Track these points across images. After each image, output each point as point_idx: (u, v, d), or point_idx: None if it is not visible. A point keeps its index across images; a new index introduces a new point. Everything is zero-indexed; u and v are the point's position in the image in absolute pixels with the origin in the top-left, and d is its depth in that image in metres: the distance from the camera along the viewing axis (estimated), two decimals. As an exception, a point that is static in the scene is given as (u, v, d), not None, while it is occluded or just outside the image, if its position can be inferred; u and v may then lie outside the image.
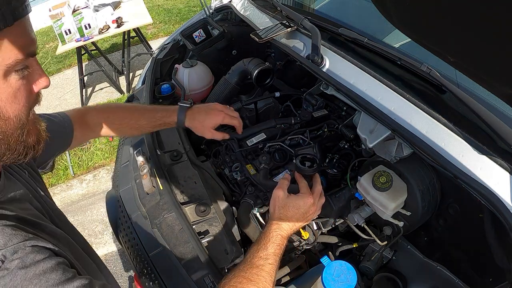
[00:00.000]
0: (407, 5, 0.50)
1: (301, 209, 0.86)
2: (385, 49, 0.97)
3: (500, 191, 0.71)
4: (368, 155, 1.14)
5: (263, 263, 0.75)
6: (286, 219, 0.85)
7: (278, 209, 0.86)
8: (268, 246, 0.78)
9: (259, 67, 1.35)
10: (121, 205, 1.14)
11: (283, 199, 0.87)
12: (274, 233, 0.82)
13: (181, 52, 1.74)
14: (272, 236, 0.81)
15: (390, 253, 1.08)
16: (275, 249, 0.79)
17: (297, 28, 1.18)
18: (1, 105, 0.49)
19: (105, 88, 3.93)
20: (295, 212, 0.85)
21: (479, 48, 0.44)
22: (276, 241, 0.80)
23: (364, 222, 1.03)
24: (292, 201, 0.86)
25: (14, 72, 0.50)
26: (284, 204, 0.86)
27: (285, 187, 0.90)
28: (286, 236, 0.83)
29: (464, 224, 0.94)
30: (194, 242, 0.92)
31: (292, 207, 0.85)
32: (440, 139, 0.79)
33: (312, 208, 0.88)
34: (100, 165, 2.94)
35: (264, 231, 0.83)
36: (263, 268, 0.74)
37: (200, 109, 1.07)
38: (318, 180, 0.93)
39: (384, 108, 0.89)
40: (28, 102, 0.54)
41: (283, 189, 0.89)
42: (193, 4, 5.67)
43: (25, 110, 0.53)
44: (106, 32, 3.34)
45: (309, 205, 0.87)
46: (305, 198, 0.87)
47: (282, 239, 0.82)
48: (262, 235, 0.82)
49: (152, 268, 0.94)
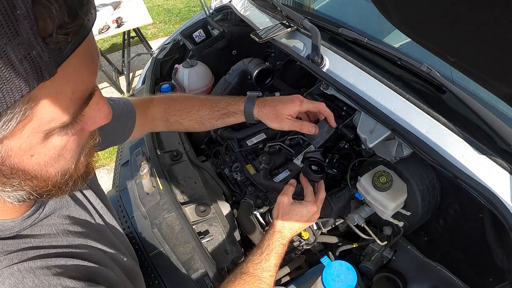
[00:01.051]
0: (407, 5, 0.50)
1: (304, 217, 0.86)
2: (385, 49, 0.97)
3: (500, 191, 0.71)
4: (368, 155, 1.14)
5: (265, 276, 0.76)
6: (289, 227, 0.85)
7: (282, 215, 0.86)
8: (270, 257, 0.79)
9: (259, 67, 1.35)
10: (121, 205, 1.14)
11: (288, 206, 0.86)
12: (277, 242, 0.82)
13: (181, 52, 1.74)
14: (275, 246, 0.81)
15: (390, 253, 1.08)
16: (276, 260, 0.79)
17: (297, 28, 1.18)
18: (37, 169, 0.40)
19: (105, 88, 3.93)
20: (298, 219, 0.85)
21: (479, 48, 0.44)
22: (278, 251, 0.81)
23: (364, 222, 1.03)
24: (296, 209, 0.86)
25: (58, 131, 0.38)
26: (288, 211, 0.86)
27: (290, 194, 0.89)
28: (286, 243, 0.84)
29: (464, 224, 0.94)
30: (194, 242, 0.92)
31: (296, 215, 0.85)
32: (440, 139, 0.79)
33: (315, 216, 0.88)
34: (100, 165, 2.94)
35: (267, 239, 0.83)
36: (264, 281, 0.75)
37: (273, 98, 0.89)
38: (323, 187, 0.92)
39: (384, 108, 0.89)
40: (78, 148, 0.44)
41: (288, 195, 0.88)
42: (193, 4, 5.67)
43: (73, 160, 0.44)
44: (106, 32, 3.33)
45: (313, 213, 0.87)
46: (309, 206, 0.86)
47: (283, 248, 0.82)
48: (264, 243, 0.82)
49: (152, 268, 0.94)
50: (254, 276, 0.74)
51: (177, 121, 0.89)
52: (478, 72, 0.48)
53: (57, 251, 0.50)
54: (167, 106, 0.88)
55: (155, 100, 0.90)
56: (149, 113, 0.88)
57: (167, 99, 0.90)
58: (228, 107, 0.87)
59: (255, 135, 1.28)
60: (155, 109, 0.89)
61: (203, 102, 0.88)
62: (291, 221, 0.85)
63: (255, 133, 1.29)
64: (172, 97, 0.92)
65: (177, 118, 0.88)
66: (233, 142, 1.26)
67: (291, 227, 0.85)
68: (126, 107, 0.82)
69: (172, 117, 0.88)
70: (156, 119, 0.89)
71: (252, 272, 0.75)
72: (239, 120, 0.87)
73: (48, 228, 0.53)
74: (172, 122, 0.89)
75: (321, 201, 0.90)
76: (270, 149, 1.23)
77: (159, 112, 0.89)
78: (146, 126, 0.89)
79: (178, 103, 0.88)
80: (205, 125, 0.89)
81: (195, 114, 0.87)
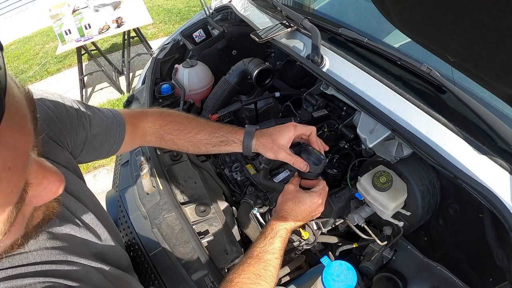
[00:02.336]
0: (407, 5, 0.50)
1: (308, 206, 0.85)
2: (385, 49, 0.97)
3: (500, 191, 0.71)
4: (368, 155, 1.14)
5: (270, 258, 0.76)
6: (292, 213, 0.84)
7: (286, 200, 0.85)
8: (274, 241, 0.79)
9: (259, 67, 1.35)
10: (121, 205, 1.14)
11: (294, 192, 0.86)
12: (280, 226, 0.81)
13: (181, 52, 1.74)
14: (279, 230, 0.81)
15: (390, 253, 1.08)
16: (281, 243, 0.79)
17: (297, 28, 1.18)
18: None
19: (105, 88, 3.93)
20: (303, 209, 0.84)
21: (479, 48, 0.44)
22: (282, 235, 0.80)
23: (364, 222, 1.03)
24: (301, 196, 0.85)
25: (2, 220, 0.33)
26: (293, 197, 0.85)
27: (297, 183, 0.90)
28: (290, 230, 0.83)
29: (464, 224, 0.94)
30: (194, 242, 0.92)
31: (300, 202, 0.85)
32: (440, 139, 0.79)
33: (318, 208, 0.87)
34: (100, 165, 2.94)
35: (271, 224, 0.83)
36: (270, 263, 0.75)
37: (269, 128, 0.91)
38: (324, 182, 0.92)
39: (384, 108, 0.89)
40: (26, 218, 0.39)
41: (294, 184, 0.89)
42: (193, 4, 5.67)
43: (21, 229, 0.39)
44: (106, 32, 3.34)
45: (317, 205, 0.86)
46: (314, 196, 0.86)
47: (287, 233, 0.82)
48: (268, 228, 0.82)
49: (152, 268, 0.94)
50: (259, 258, 0.75)
51: (172, 140, 0.88)
52: (478, 72, 0.48)
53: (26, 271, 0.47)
54: (164, 124, 0.88)
55: (149, 115, 0.89)
56: (140, 127, 0.87)
57: (165, 116, 0.89)
58: (227, 135, 0.87)
59: (255, 135, 1.28)
60: (148, 124, 0.88)
61: (202, 126, 0.88)
62: (295, 207, 0.84)
63: (255, 133, 1.29)
64: (170, 114, 0.91)
65: (172, 137, 0.88)
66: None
67: (295, 214, 0.84)
68: (116, 121, 0.80)
69: (168, 135, 0.88)
70: (149, 134, 0.89)
71: (257, 255, 0.76)
72: (235, 149, 0.89)
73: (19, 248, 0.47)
74: (166, 140, 0.89)
75: (325, 195, 0.90)
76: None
77: (153, 127, 0.88)
78: (135, 140, 0.88)
79: (176, 123, 0.88)
80: (200, 149, 0.90)
81: (193, 136, 0.88)
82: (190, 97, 1.55)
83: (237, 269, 0.73)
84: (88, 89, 3.94)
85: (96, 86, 3.99)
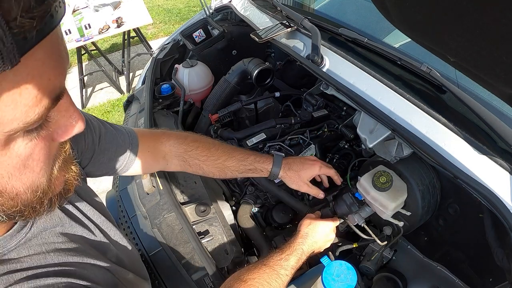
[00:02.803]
0: (407, 5, 0.50)
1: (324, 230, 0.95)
2: (385, 49, 0.97)
3: (500, 191, 0.71)
4: (368, 155, 1.14)
5: (283, 273, 0.78)
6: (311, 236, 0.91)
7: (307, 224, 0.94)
8: (290, 258, 0.82)
9: (259, 67, 1.35)
10: (121, 205, 1.14)
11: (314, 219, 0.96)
12: (298, 246, 0.86)
13: (181, 52, 1.74)
14: (296, 249, 0.85)
15: (390, 253, 1.08)
16: (295, 262, 0.83)
17: (297, 28, 1.18)
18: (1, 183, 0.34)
19: (105, 88, 3.93)
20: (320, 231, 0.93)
21: (479, 48, 0.44)
22: (298, 254, 0.85)
23: (364, 222, 1.03)
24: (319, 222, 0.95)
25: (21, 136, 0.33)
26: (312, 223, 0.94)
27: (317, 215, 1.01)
28: (306, 252, 0.88)
29: (464, 224, 0.94)
30: (194, 242, 0.92)
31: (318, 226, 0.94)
32: (440, 139, 0.79)
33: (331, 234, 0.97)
34: (100, 165, 2.94)
35: (290, 241, 0.89)
36: (281, 277, 0.77)
37: (295, 159, 1.00)
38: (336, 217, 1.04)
39: (384, 108, 0.89)
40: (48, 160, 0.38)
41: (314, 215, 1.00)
42: (193, 4, 5.67)
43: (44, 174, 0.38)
44: (106, 32, 3.34)
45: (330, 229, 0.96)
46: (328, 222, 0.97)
47: (303, 253, 0.86)
48: (287, 245, 0.87)
49: (152, 268, 0.94)
50: (273, 269, 0.77)
51: (199, 165, 0.88)
52: (478, 72, 0.48)
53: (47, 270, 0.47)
54: (190, 149, 0.87)
55: (172, 138, 0.87)
56: (160, 150, 0.85)
57: (191, 141, 0.88)
58: (255, 164, 0.92)
59: (255, 135, 1.28)
60: (170, 147, 0.86)
61: (231, 154, 0.91)
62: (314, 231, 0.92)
63: (255, 133, 1.29)
64: (197, 140, 0.89)
65: (199, 163, 0.88)
66: (233, 142, 1.26)
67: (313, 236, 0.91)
68: (129, 138, 0.78)
69: (194, 160, 0.87)
70: (170, 157, 0.86)
71: (271, 265, 0.78)
72: (261, 175, 0.95)
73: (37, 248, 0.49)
74: (191, 164, 0.88)
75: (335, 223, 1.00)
76: (270, 149, 1.23)
77: (176, 151, 0.86)
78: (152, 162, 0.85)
79: (204, 149, 0.88)
80: (227, 174, 0.92)
81: (221, 163, 0.89)
82: (190, 97, 1.55)
83: (251, 271, 0.74)
84: (88, 89, 3.94)
85: (96, 86, 3.98)
